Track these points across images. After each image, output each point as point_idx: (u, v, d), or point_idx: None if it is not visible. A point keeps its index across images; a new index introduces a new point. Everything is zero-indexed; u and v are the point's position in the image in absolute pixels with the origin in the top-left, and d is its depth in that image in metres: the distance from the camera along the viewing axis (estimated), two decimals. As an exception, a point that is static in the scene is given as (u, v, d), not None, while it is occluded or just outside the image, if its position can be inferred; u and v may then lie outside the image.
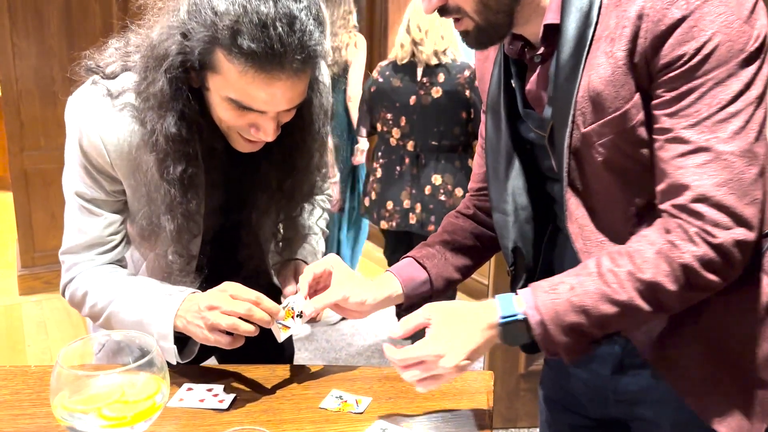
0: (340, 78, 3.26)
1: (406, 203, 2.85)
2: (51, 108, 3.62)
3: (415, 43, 2.74)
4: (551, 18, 0.88)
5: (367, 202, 3.02)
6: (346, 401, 1.06)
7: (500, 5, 0.87)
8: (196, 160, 1.06)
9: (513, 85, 0.98)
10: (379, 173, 2.94)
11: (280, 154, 1.13)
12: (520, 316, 0.87)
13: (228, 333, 1.02)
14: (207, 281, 1.14)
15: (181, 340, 1.07)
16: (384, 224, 2.92)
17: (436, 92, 2.75)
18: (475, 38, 0.91)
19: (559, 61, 0.88)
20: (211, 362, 1.32)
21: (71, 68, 1.09)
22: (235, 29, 0.87)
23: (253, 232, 1.22)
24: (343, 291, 1.06)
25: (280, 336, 1.07)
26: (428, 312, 0.94)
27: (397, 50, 2.80)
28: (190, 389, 1.08)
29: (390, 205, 2.89)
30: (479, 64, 1.11)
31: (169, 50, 0.95)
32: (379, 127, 2.93)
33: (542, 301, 0.86)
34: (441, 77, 2.74)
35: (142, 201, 1.10)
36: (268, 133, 1.00)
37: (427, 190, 2.82)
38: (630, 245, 0.86)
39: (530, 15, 0.90)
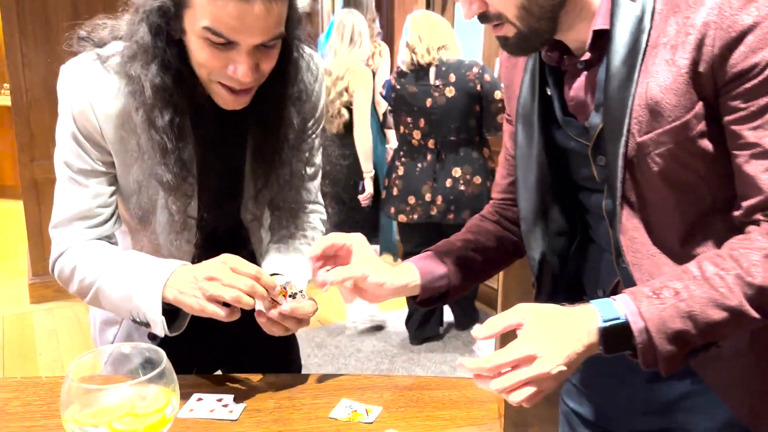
0: None
1: (428, 196, 3.05)
2: (60, 117, 3.64)
3: (412, 50, 3.00)
4: (600, 24, 0.86)
5: (383, 195, 3.20)
6: (356, 411, 1.06)
7: (543, 11, 0.85)
8: (183, 109, 1.07)
9: (549, 92, 0.96)
10: (401, 171, 3.15)
11: (263, 121, 1.13)
12: (622, 319, 0.80)
13: (224, 305, 1.00)
14: (201, 257, 1.12)
15: (170, 313, 1.05)
16: (403, 218, 3.13)
17: (450, 92, 2.96)
18: (516, 45, 0.88)
19: (610, 67, 0.85)
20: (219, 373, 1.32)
21: (66, 42, 1.11)
22: None
23: (245, 223, 1.21)
24: (364, 269, 1.03)
25: (270, 312, 1.05)
26: (520, 312, 0.84)
27: (403, 59, 3.06)
28: (200, 399, 1.08)
29: (412, 199, 3.09)
30: (506, 72, 1.08)
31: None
32: (401, 129, 3.14)
33: (646, 307, 0.80)
34: (452, 77, 2.96)
35: (131, 171, 1.10)
36: (245, 72, 0.99)
37: (448, 182, 3.04)
38: (731, 249, 0.82)
39: (574, 21, 0.88)
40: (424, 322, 3.37)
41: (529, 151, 0.99)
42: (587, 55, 0.89)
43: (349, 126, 3.29)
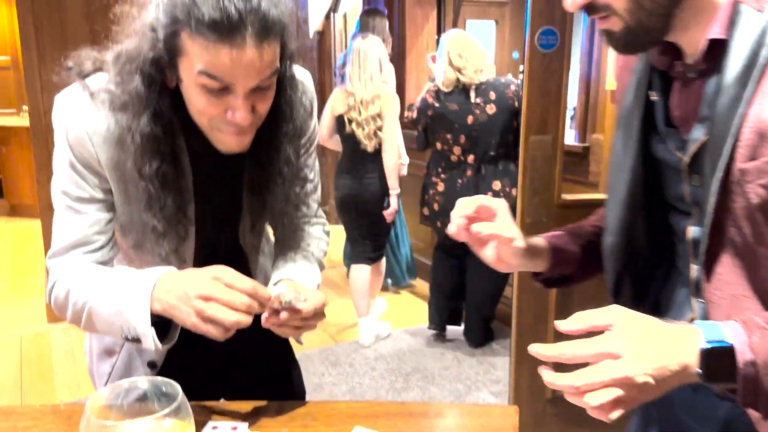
0: None
1: None
2: (77, 138, 3.70)
3: (458, 70, 3.12)
4: (716, 32, 0.78)
5: (426, 211, 3.33)
6: (370, 439, 1.06)
7: (656, 6, 0.77)
8: (172, 158, 1.07)
9: (652, 98, 0.89)
10: (441, 187, 3.26)
11: (264, 161, 1.15)
12: (727, 344, 0.70)
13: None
14: None
15: (161, 325, 1.03)
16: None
17: (491, 109, 3.11)
18: (621, 41, 0.82)
19: (722, 82, 0.77)
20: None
21: (54, 74, 1.11)
22: (192, 3, 0.91)
23: (243, 245, 1.23)
24: (513, 233, 0.97)
25: (269, 322, 1.06)
26: (613, 313, 0.74)
27: (442, 78, 3.17)
28: (215, 428, 1.09)
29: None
30: (618, 72, 1.01)
31: (141, 47, 0.99)
32: (438, 146, 3.25)
33: (758, 339, 0.71)
34: (492, 95, 3.11)
35: (124, 196, 1.11)
36: (243, 116, 0.99)
37: (489, 196, 2.92)
38: None
39: (689, 22, 0.80)
40: (441, 309, 3.52)
41: (623, 159, 0.93)
42: (699, 65, 0.81)
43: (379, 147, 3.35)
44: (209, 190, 1.17)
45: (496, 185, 3.16)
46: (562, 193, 2.29)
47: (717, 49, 0.79)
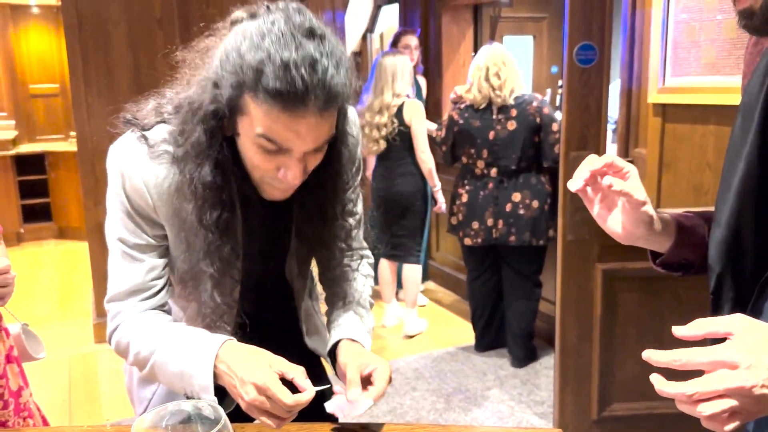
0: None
1: (490, 221, 3.32)
2: (123, 162, 3.80)
3: (493, 89, 3.25)
4: None
5: (454, 221, 3.49)
6: (412, 463, 1.05)
7: None
8: (231, 206, 1.09)
9: None
10: (465, 198, 3.41)
11: (311, 203, 1.16)
12: None
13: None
14: (245, 331, 1.17)
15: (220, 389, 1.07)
16: (468, 241, 3.41)
17: (511, 125, 3.24)
18: (762, 19, 0.77)
19: None
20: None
21: (110, 120, 1.13)
22: (260, 71, 0.92)
23: (290, 280, 1.24)
24: (644, 196, 0.92)
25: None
26: (734, 322, 0.70)
27: (476, 95, 3.30)
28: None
29: (476, 225, 3.36)
30: (749, 59, 0.97)
31: (203, 100, 1.01)
32: (464, 160, 3.41)
33: None
34: (513, 112, 3.24)
35: (182, 245, 1.13)
36: (295, 176, 1.02)
37: (508, 207, 3.28)
38: None
39: None
40: (485, 331, 3.61)
41: (741, 146, 0.88)
42: None
43: (396, 146, 3.65)
44: (258, 235, 1.18)
45: (516, 197, 3.27)
46: (605, 210, 2.25)
47: None
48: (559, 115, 3.13)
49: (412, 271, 3.90)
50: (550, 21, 5.30)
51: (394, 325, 4.02)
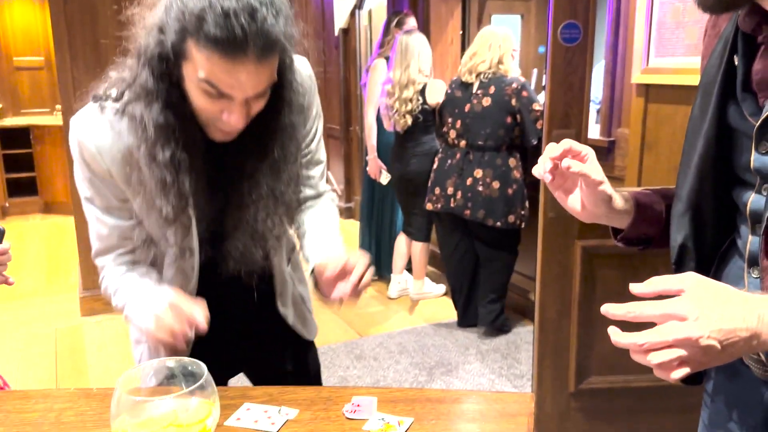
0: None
1: (450, 190, 3.44)
2: (109, 136, 3.80)
3: (472, 65, 3.38)
4: None
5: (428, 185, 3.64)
6: (388, 423, 1.09)
7: None
8: (183, 144, 1.13)
9: (736, 62, 0.88)
10: (435, 164, 3.58)
11: (253, 143, 1.20)
12: None
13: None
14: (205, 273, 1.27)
15: None
16: (429, 205, 3.58)
17: (486, 101, 3.32)
18: None
19: None
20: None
21: (77, 99, 1.20)
22: (201, 19, 0.96)
23: (242, 218, 1.26)
24: (602, 176, 0.97)
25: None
26: (686, 280, 0.74)
27: (462, 69, 3.44)
28: (248, 409, 1.13)
29: (438, 190, 3.51)
30: (708, 41, 1.00)
31: (149, 44, 1.06)
32: (443, 128, 3.56)
33: None
34: (492, 89, 3.31)
35: (142, 205, 1.19)
36: (238, 120, 1.07)
37: (469, 181, 3.37)
38: None
39: None
40: (465, 308, 3.68)
41: (700, 124, 0.92)
42: None
43: (412, 127, 3.74)
44: (210, 178, 1.22)
45: (478, 173, 3.35)
46: (585, 187, 2.29)
47: None
48: (542, 97, 3.17)
49: (419, 248, 4.00)
50: (537, 1, 5.30)
51: (398, 296, 4.17)
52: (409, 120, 3.70)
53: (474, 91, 3.36)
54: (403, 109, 3.70)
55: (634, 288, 0.75)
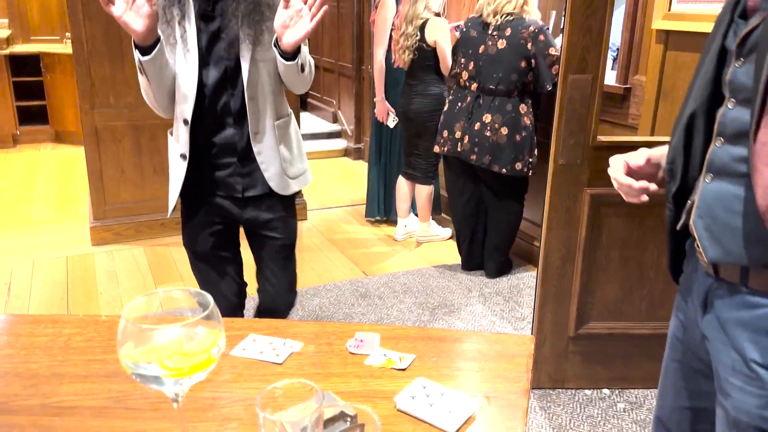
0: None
1: (458, 134, 3.40)
2: (120, 67, 3.76)
3: (488, 3, 3.28)
4: None
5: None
6: (390, 358, 1.12)
7: None
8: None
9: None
10: (445, 106, 3.52)
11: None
12: None
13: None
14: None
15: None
16: (437, 148, 3.56)
17: (501, 44, 3.22)
18: None
19: None
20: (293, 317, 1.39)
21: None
22: None
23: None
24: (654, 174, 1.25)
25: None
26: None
27: (487, 8, 3.29)
28: (254, 341, 1.16)
29: (446, 133, 3.47)
30: None
31: None
32: (455, 69, 3.46)
33: None
34: (508, 31, 3.21)
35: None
36: None
37: (477, 126, 3.31)
38: None
39: None
40: (469, 250, 3.71)
41: (711, 42, 1.03)
42: None
43: (413, 65, 3.72)
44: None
45: (487, 118, 3.28)
46: (598, 135, 2.27)
47: None
48: (560, 41, 3.10)
49: (423, 191, 3.98)
50: (561, -61, 5.11)
51: (403, 239, 4.18)
52: (408, 56, 3.68)
53: (489, 32, 3.26)
54: (405, 44, 3.67)
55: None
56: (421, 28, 3.61)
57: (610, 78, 3.23)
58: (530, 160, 3.31)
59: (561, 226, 2.41)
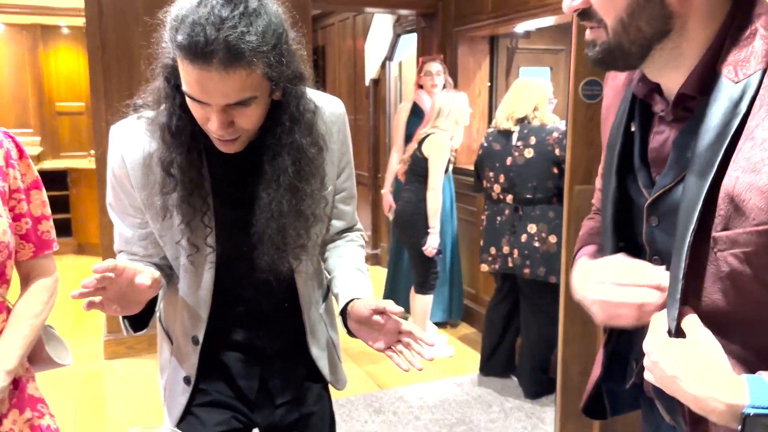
0: None
1: (506, 249, 3.31)
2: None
3: (508, 115, 3.31)
4: (689, 88, 0.81)
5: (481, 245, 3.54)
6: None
7: (638, 36, 0.80)
8: (196, 151, 1.20)
9: (632, 130, 0.92)
10: (484, 223, 3.46)
11: (262, 158, 1.22)
12: None
13: None
14: (222, 276, 1.29)
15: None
16: (485, 267, 3.45)
17: (528, 152, 3.22)
18: (599, 55, 0.84)
19: (695, 144, 0.78)
20: None
21: (121, 111, 1.30)
22: (177, 27, 1.03)
23: (260, 229, 1.24)
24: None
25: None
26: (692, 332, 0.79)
27: (500, 120, 3.34)
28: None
29: (493, 250, 3.38)
30: (609, 93, 1.04)
31: (160, 53, 1.15)
32: (484, 183, 3.44)
33: None
34: (533, 140, 3.21)
35: (153, 213, 1.24)
36: (218, 126, 1.09)
37: (524, 237, 3.24)
38: None
39: (665, 66, 0.83)
40: (492, 354, 3.57)
41: (608, 187, 0.95)
42: (669, 114, 0.85)
43: (407, 172, 3.81)
44: (221, 181, 1.26)
45: (532, 228, 3.22)
46: (609, 245, 2.24)
47: (689, 102, 0.82)
48: None
49: (418, 302, 3.89)
50: (567, 53, 5.31)
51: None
52: (404, 167, 3.83)
53: (514, 143, 3.26)
54: (404, 156, 3.87)
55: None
56: (421, 141, 3.71)
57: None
58: None
59: (578, 338, 2.34)
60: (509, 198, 3.29)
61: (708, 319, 0.79)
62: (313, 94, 1.29)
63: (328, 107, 1.33)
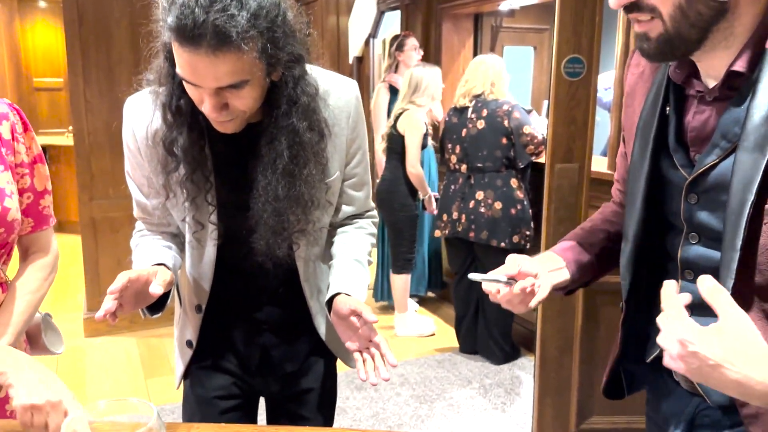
0: None
1: (455, 215, 3.49)
2: (120, 159, 3.82)
3: (466, 91, 3.49)
4: (739, 65, 0.81)
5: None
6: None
7: (699, 19, 0.79)
8: (198, 131, 1.19)
9: (667, 112, 0.92)
10: (441, 192, 3.66)
11: (260, 140, 1.20)
12: None
13: None
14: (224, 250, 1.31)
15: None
16: (437, 232, 3.65)
17: (480, 124, 3.40)
18: (656, 47, 0.83)
19: (746, 120, 0.79)
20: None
21: (135, 82, 1.27)
22: (168, 8, 1.02)
23: (257, 213, 1.23)
24: (517, 263, 1.05)
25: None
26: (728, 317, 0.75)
27: (458, 98, 3.52)
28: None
29: (444, 217, 3.57)
30: (631, 79, 1.04)
31: (160, 32, 1.11)
32: (445, 155, 3.63)
33: None
34: (484, 112, 3.39)
35: (159, 196, 1.27)
36: (210, 110, 1.09)
37: (471, 204, 3.42)
38: None
39: (715, 47, 0.82)
40: (469, 329, 3.65)
41: (640, 168, 0.95)
42: (715, 92, 0.85)
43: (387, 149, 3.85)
44: (227, 170, 1.26)
45: (480, 195, 3.40)
46: (589, 222, 2.26)
47: (735, 80, 0.82)
48: (531, 121, 3.38)
49: (397, 281, 3.96)
50: (551, 33, 5.30)
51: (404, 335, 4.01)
52: (383, 144, 3.87)
53: (468, 115, 3.43)
54: (385, 131, 3.87)
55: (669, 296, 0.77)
56: (397, 118, 3.75)
57: (602, 165, 3.25)
58: (527, 233, 3.35)
59: (556, 315, 2.36)
60: (463, 167, 3.47)
61: (760, 292, 0.81)
62: (324, 76, 1.26)
63: (337, 91, 1.30)
